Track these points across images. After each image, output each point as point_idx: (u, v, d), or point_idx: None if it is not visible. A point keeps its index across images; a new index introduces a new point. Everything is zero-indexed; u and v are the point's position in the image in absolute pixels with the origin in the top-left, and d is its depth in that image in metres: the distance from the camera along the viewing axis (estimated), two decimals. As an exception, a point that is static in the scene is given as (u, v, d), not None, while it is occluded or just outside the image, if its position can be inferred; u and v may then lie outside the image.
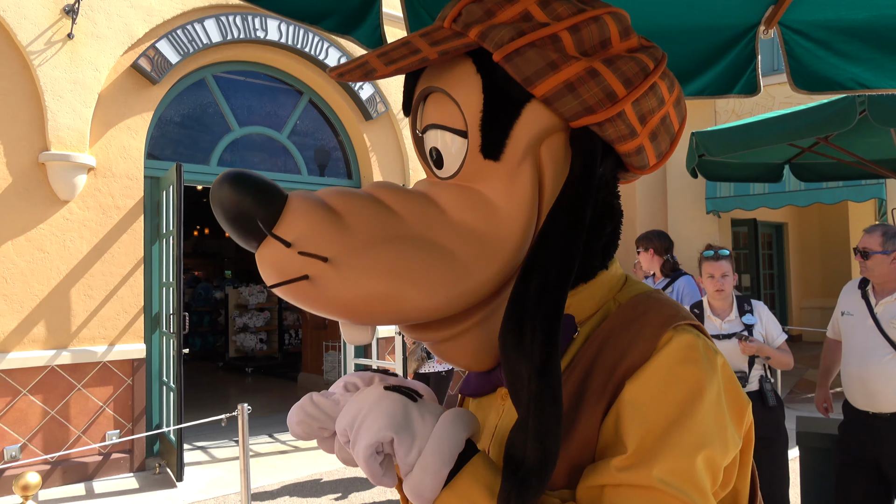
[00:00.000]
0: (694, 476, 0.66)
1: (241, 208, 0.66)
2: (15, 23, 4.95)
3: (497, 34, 0.71)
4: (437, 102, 0.77)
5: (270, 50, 6.36)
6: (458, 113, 0.74)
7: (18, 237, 5.00)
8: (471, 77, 0.74)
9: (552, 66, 0.71)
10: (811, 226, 11.73)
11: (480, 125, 0.73)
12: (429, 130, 0.78)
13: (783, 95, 7.97)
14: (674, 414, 0.67)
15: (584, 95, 0.71)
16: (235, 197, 0.66)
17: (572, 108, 0.72)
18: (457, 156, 0.75)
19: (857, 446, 2.96)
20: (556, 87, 0.71)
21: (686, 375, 0.69)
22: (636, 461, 0.65)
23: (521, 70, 0.71)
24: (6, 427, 4.87)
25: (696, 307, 3.30)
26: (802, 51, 1.81)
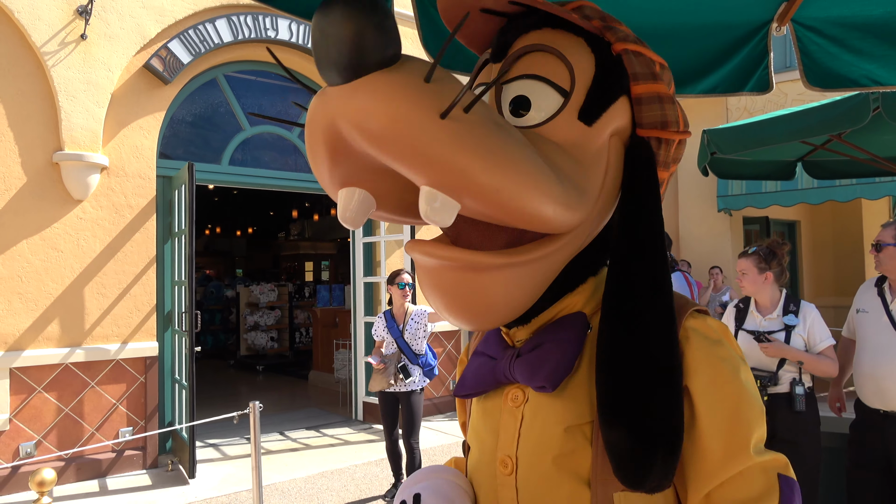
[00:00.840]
0: (765, 435, 0.77)
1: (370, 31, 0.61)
2: (29, 24, 5.00)
3: (622, 33, 0.83)
4: (543, 60, 0.81)
5: (281, 49, 6.39)
6: (567, 74, 0.81)
7: (33, 236, 5.06)
8: (585, 52, 0.82)
9: (654, 76, 0.82)
10: (824, 224, 11.63)
11: (588, 90, 0.80)
12: (521, 80, 0.81)
13: (796, 92, 7.91)
14: (734, 392, 0.76)
15: (666, 110, 0.83)
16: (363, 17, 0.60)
17: (654, 116, 0.82)
18: (548, 109, 0.80)
19: (869, 445, 2.94)
20: (651, 94, 0.82)
21: (723, 353, 0.78)
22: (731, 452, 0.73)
23: (633, 66, 0.82)
24: (21, 424, 4.93)
25: (743, 302, 3.25)
26: (815, 48, 1.80)
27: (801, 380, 2.99)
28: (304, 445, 6.18)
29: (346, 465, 5.43)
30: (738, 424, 0.74)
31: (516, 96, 0.81)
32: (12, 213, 4.96)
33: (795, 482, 0.75)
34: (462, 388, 0.89)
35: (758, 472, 0.73)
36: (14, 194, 4.98)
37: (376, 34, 0.60)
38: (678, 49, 1.82)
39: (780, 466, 0.75)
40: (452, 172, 0.63)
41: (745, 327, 3.16)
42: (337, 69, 0.62)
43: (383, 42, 0.61)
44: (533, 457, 0.79)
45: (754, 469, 0.73)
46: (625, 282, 0.76)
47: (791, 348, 2.99)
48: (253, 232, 18.44)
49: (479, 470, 0.88)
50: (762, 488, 0.73)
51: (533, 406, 0.81)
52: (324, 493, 4.82)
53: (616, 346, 0.73)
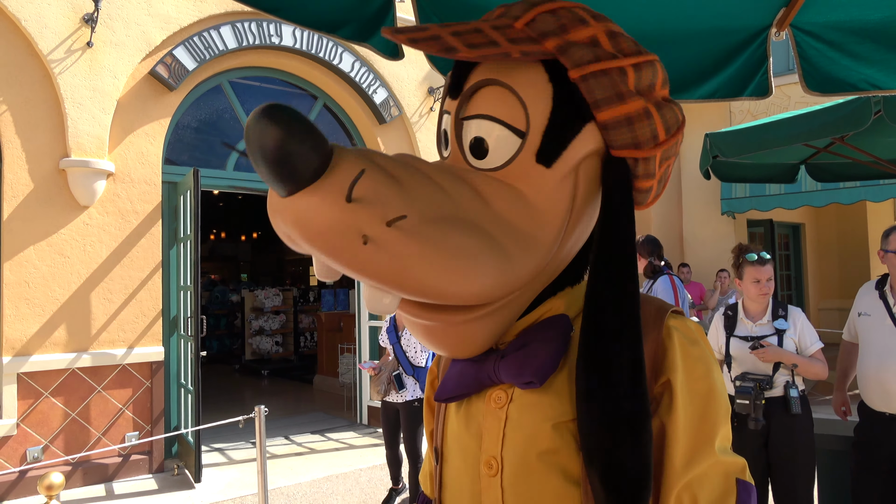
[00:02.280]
0: (729, 434, 0.79)
1: (292, 145, 0.61)
2: (36, 32, 5.05)
3: (577, 53, 0.75)
4: (498, 96, 0.77)
5: (285, 55, 6.42)
6: (522, 113, 0.76)
7: (40, 242, 5.09)
8: (542, 84, 0.77)
9: (619, 97, 0.76)
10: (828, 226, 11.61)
11: (544, 131, 0.76)
12: (477, 119, 0.78)
13: (798, 95, 7.91)
14: (704, 389, 0.78)
15: (637, 131, 0.77)
16: (285, 131, 0.60)
17: (624, 139, 0.77)
18: (505, 152, 0.77)
19: (873, 448, 2.94)
20: (618, 118, 0.76)
21: (698, 354, 0.79)
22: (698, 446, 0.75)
23: (593, 93, 0.76)
24: (28, 429, 4.96)
25: (731, 309, 3.23)
26: (814, 52, 1.82)
27: (794, 383, 3.01)
28: (309, 450, 6.19)
29: (351, 469, 5.45)
30: (706, 420, 0.76)
31: (474, 138, 0.79)
32: (20, 219, 5.01)
33: (752, 486, 0.77)
34: (444, 391, 0.88)
35: (719, 474, 0.75)
36: (21, 201, 5.02)
37: (297, 148, 0.61)
38: (677, 54, 1.83)
39: (738, 470, 0.77)
40: (387, 285, 0.67)
41: (736, 334, 3.14)
42: (276, 186, 0.64)
43: (304, 156, 0.62)
44: (519, 455, 0.79)
45: (716, 469, 0.75)
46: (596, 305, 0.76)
47: (786, 352, 2.99)
48: (257, 237, 18.50)
49: (460, 476, 0.87)
50: (721, 490, 0.74)
51: (518, 405, 0.81)
52: (329, 498, 4.84)
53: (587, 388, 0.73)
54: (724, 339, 3.16)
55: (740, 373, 3.06)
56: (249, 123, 0.61)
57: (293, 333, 12.29)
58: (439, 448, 0.94)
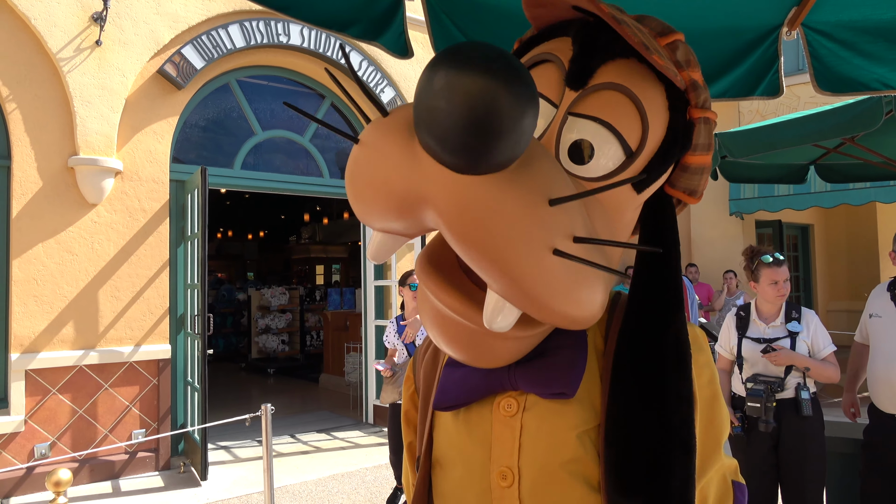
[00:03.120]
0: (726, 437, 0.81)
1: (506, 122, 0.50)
2: (45, 30, 5.07)
3: (702, 94, 0.78)
4: (618, 104, 0.73)
5: (293, 54, 6.43)
6: (639, 132, 0.73)
7: (48, 239, 5.12)
8: (663, 109, 0.76)
9: (709, 147, 0.80)
10: (838, 227, 11.54)
11: (652, 158, 0.76)
12: (591, 121, 0.73)
13: (808, 95, 7.87)
14: (710, 395, 0.79)
15: (702, 182, 0.82)
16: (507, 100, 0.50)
17: (689, 184, 0.81)
18: (607, 165, 0.74)
19: (882, 450, 2.92)
20: (699, 165, 0.80)
21: (704, 360, 0.80)
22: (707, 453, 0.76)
23: (699, 137, 0.78)
24: (36, 425, 4.98)
25: (743, 310, 3.21)
26: (826, 52, 1.80)
27: (805, 385, 2.99)
28: (314, 448, 6.20)
29: (357, 469, 5.45)
30: (713, 426, 0.78)
31: (579, 140, 0.73)
32: (28, 216, 5.03)
33: (745, 486, 0.79)
34: (446, 399, 0.84)
35: (719, 475, 0.77)
36: (30, 198, 5.04)
37: (519, 128, 0.51)
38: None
39: (732, 471, 0.79)
40: (535, 302, 0.61)
41: (748, 335, 3.12)
42: (453, 151, 0.52)
43: (521, 139, 0.53)
44: (540, 465, 0.77)
45: (719, 472, 0.77)
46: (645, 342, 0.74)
47: (798, 355, 2.98)
48: (264, 235, 18.54)
49: (463, 487, 0.83)
50: (721, 492, 0.76)
51: (536, 414, 0.78)
52: (335, 496, 4.84)
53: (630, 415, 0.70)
54: (736, 339, 3.14)
55: (751, 374, 3.05)
56: (452, 64, 0.49)
57: (299, 332, 12.32)
58: (424, 457, 0.89)
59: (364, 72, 6.75)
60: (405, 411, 1.01)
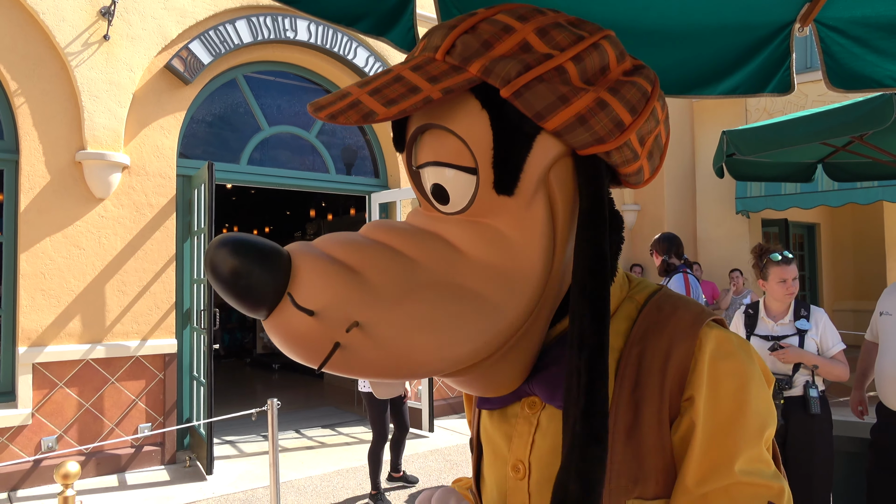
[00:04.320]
0: (763, 456, 0.72)
1: (248, 278, 0.62)
2: (53, 25, 5.08)
3: (503, 69, 0.68)
4: (438, 139, 0.73)
5: (300, 50, 6.43)
6: (466, 150, 0.71)
7: (56, 234, 5.14)
8: (476, 113, 0.70)
9: (563, 99, 0.69)
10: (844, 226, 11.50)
11: (493, 162, 0.70)
12: (429, 167, 0.74)
13: (816, 93, 7.83)
14: (731, 407, 0.72)
15: (595, 127, 0.70)
16: (238, 265, 0.62)
17: (583, 139, 0.70)
18: (465, 192, 0.72)
19: (889, 449, 2.91)
20: (568, 121, 0.69)
21: (730, 369, 0.74)
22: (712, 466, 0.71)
23: (532, 105, 0.68)
24: (43, 419, 5.01)
25: (752, 307, 3.21)
26: (839, 48, 1.79)
27: (814, 382, 2.99)
28: (319, 443, 6.22)
29: (362, 464, 5.46)
30: (727, 439, 0.71)
31: (433, 185, 0.74)
32: (36, 211, 5.05)
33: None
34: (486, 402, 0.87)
35: (743, 495, 0.70)
36: (38, 193, 5.06)
37: (253, 279, 0.62)
38: (699, 49, 1.82)
39: (773, 494, 0.71)
40: (374, 376, 0.66)
41: (757, 333, 3.13)
42: (251, 314, 0.66)
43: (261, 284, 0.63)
44: (547, 462, 0.78)
45: (741, 490, 0.70)
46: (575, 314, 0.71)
47: (807, 353, 2.98)
48: (270, 231, 18.57)
49: (490, 472, 0.88)
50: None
51: (549, 413, 0.80)
52: (339, 491, 4.85)
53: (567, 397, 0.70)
54: (745, 337, 3.14)
55: None
56: (206, 265, 0.64)
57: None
58: (474, 441, 0.95)
59: (371, 68, 6.74)
60: (467, 400, 1.06)
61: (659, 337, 0.76)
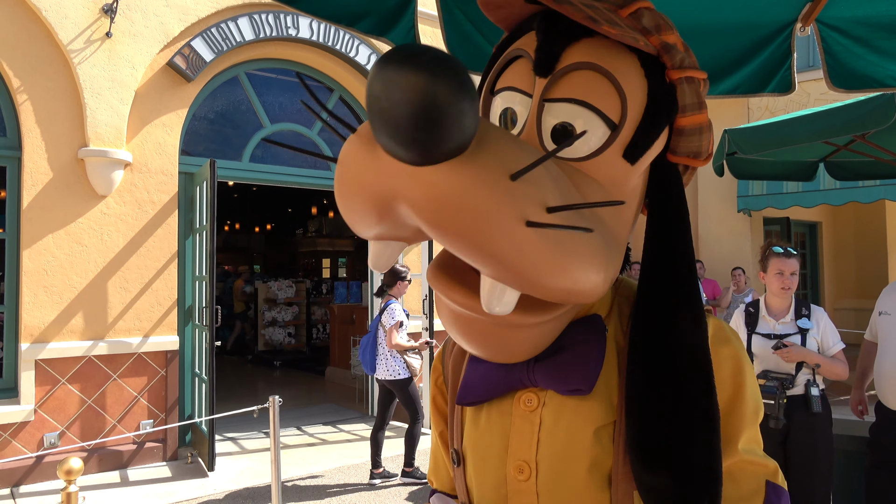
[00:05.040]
0: (757, 437, 0.77)
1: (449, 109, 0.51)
2: (56, 22, 5.09)
3: (677, 55, 0.75)
4: (594, 82, 0.73)
5: (302, 48, 6.43)
6: (618, 103, 0.73)
7: (58, 231, 5.15)
8: (638, 76, 0.74)
9: (700, 106, 0.77)
10: (846, 225, 11.47)
11: (638, 126, 0.74)
12: (567, 104, 0.74)
13: (818, 92, 7.82)
14: (731, 389, 0.76)
15: (703, 142, 0.78)
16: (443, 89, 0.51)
17: (690, 147, 0.78)
18: (593, 142, 0.73)
19: (888, 448, 2.91)
20: (694, 125, 0.77)
21: (728, 353, 0.78)
22: None
23: (685, 97, 0.76)
24: (46, 415, 5.02)
25: (752, 306, 3.20)
26: (840, 48, 1.79)
27: (815, 381, 3.00)
28: (320, 440, 6.23)
29: (363, 461, 5.47)
30: (729, 420, 0.75)
31: (560, 123, 0.74)
32: (38, 208, 5.06)
33: (784, 491, 0.75)
34: (468, 395, 0.85)
35: (746, 473, 0.74)
36: (40, 190, 5.07)
37: (459, 113, 0.52)
38: (700, 49, 1.81)
39: (770, 473, 0.75)
40: (524, 278, 0.61)
41: (758, 331, 3.12)
42: (404, 146, 0.54)
43: (465, 123, 0.53)
44: (559, 461, 0.77)
45: (742, 468, 0.74)
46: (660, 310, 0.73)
47: (810, 352, 2.98)
48: (271, 228, 18.59)
49: (481, 478, 0.85)
50: (747, 490, 0.73)
51: (554, 409, 0.79)
52: (341, 488, 4.87)
53: (652, 385, 0.70)
54: (746, 335, 3.14)
55: (762, 370, 3.05)
56: (386, 67, 0.52)
57: (305, 325, 12.35)
58: (459, 449, 0.91)
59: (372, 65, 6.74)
60: (432, 397, 1.02)
61: None
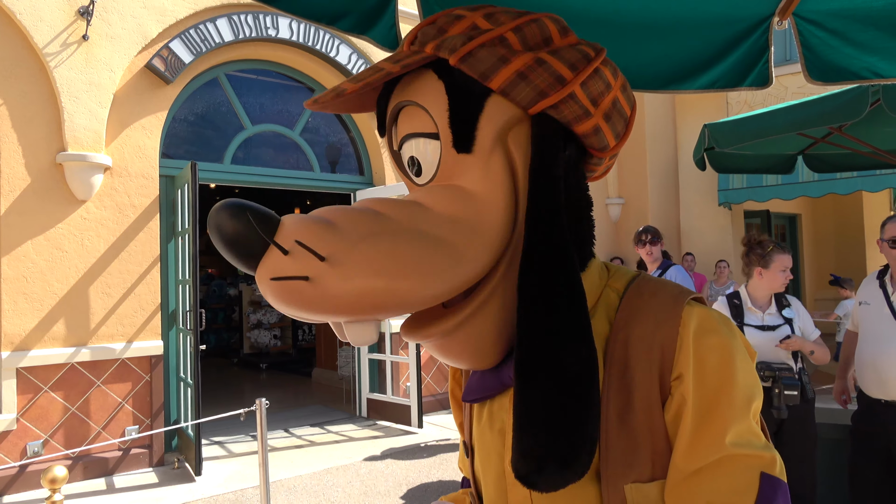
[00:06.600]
0: (753, 428, 0.74)
1: (240, 230, 0.69)
2: (31, 25, 5.01)
3: (450, 42, 0.78)
4: (409, 115, 0.82)
5: (282, 48, 6.40)
6: (428, 118, 0.80)
7: (38, 237, 5.08)
8: (434, 84, 0.80)
9: (503, 60, 0.77)
10: (825, 217, 11.64)
11: (449, 122, 0.79)
12: (405, 142, 0.83)
13: (796, 86, 7.91)
14: (717, 382, 0.74)
15: (535, 81, 0.77)
16: (233, 221, 0.69)
17: (527, 94, 0.78)
18: (432, 158, 0.81)
19: (870, 435, 2.97)
20: (510, 77, 0.77)
21: (714, 344, 0.76)
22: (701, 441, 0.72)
23: (476, 67, 0.77)
24: (28, 423, 4.95)
25: (735, 297, 3.26)
26: (817, 41, 1.81)
27: (805, 369, 3.08)
28: (308, 442, 6.21)
29: (351, 462, 5.46)
30: (715, 413, 0.73)
31: (409, 159, 0.84)
32: (16, 213, 4.99)
33: (781, 482, 0.72)
34: (470, 392, 0.88)
35: (737, 467, 0.71)
36: (18, 195, 5.00)
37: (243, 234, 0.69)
38: (678, 44, 1.83)
39: (765, 464, 0.72)
40: (342, 313, 0.71)
41: (748, 323, 3.17)
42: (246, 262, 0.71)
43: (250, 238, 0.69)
44: None
45: (733, 462, 0.71)
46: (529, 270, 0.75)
47: (807, 341, 3.09)
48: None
49: (486, 471, 0.88)
50: (739, 484, 0.71)
51: None
52: (329, 490, 4.85)
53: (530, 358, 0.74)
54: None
55: (758, 362, 3.10)
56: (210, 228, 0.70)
57: (291, 327, 12.28)
58: (468, 442, 0.95)
59: (354, 65, 6.72)
60: (451, 391, 1.08)
61: (643, 321, 0.78)
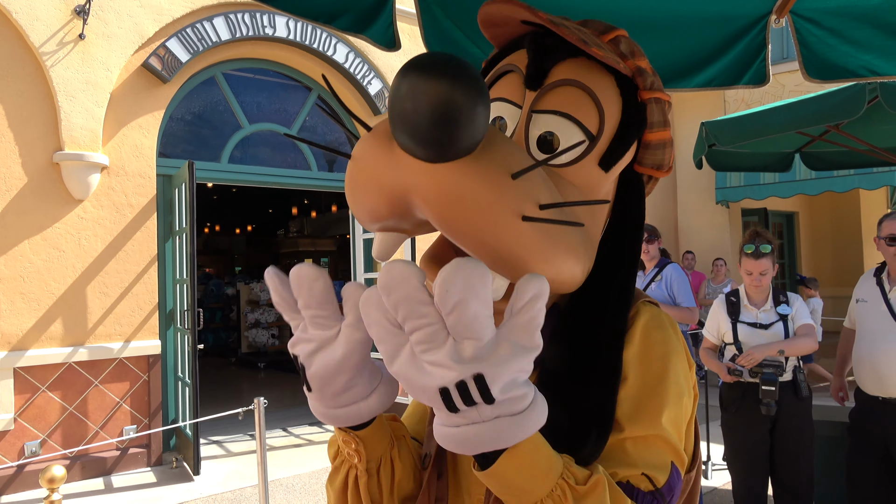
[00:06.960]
0: (680, 419, 0.81)
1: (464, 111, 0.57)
2: (27, 24, 5.00)
3: (648, 78, 0.86)
4: (576, 97, 0.83)
5: (279, 47, 6.39)
6: (597, 118, 0.83)
7: (35, 236, 5.07)
8: (614, 93, 0.84)
9: (664, 123, 0.88)
10: (822, 214, 11.66)
11: (613, 138, 0.84)
12: (553, 115, 0.82)
13: (793, 83, 7.92)
14: (658, 368, 0.82)
15: (665, 156, 0.89)
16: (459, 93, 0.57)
17: (654, 160, 0.89)
18: (574, 151, 0.82)
19: (867, 432, 2.97)
20: (659, 141, 0.88)
21: (660, 338, 0.84)
22: (641, 414, 0.78)
23: (653, 115, 0.86)
24: (26, 423, 4.95)
25: (733, 295, 3.27)
26: (814, 39, 1.82)
27: (801, 367, 3.08)
28: (307, 441, 6.21)
29: (350, 461, 5.46)
30: (655, 395, 0.79)
31: (545, 132, 0.82)
32: (14, 213, 4.98)
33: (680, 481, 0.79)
34: None
35: (663, 449, 0.77)
36: (15, 195, 4.99)
37: (474, 117, 0.58)
38: (677, 41, 1.83)
39: (675, 455, 0.79)
40: (516, 267, 0.67)
41: (742, 320, 3.18)
42: (423, 144, 0.59)
43: (477, 126, 0.59)
44: None
45: (662, 444, 0.77)
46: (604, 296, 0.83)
47: (769, 345, 3.06)
48: (252, 229, 18.44)
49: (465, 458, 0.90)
50: (660, 463, 0.77)
51: None
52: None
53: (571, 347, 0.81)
54: (730, 324, 3.19)
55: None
56: (412, 72, 0.57)
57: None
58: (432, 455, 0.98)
59: (351, 64, 6.71)
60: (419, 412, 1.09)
61: None
